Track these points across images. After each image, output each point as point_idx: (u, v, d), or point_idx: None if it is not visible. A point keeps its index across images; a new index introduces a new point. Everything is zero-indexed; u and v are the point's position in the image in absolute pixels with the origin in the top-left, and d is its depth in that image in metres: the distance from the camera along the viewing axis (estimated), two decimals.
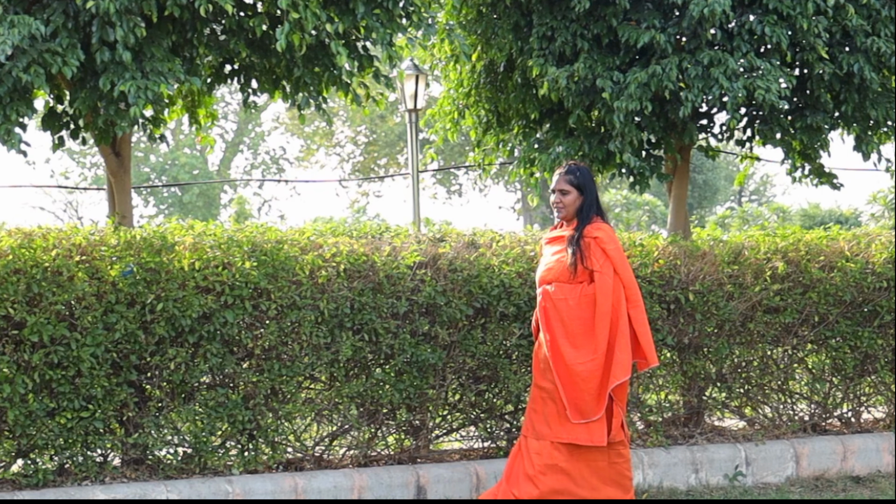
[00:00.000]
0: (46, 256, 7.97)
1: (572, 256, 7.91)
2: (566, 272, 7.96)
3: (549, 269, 8.08)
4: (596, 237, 7.97)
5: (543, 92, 10.18)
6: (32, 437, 8.00)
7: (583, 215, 8.07)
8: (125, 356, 8.21)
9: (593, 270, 7.90)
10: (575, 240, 7.98)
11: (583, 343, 7.88)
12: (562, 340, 7.93)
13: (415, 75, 19.02)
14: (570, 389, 7.90)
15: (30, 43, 7.95)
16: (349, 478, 8.62)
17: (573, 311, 7.92)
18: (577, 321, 7.91)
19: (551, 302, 8.01)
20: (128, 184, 9.60)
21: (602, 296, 7.85)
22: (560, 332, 7.93)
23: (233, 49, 9.09)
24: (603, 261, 7.90)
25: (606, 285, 7.85)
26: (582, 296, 7.91)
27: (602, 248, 7.94)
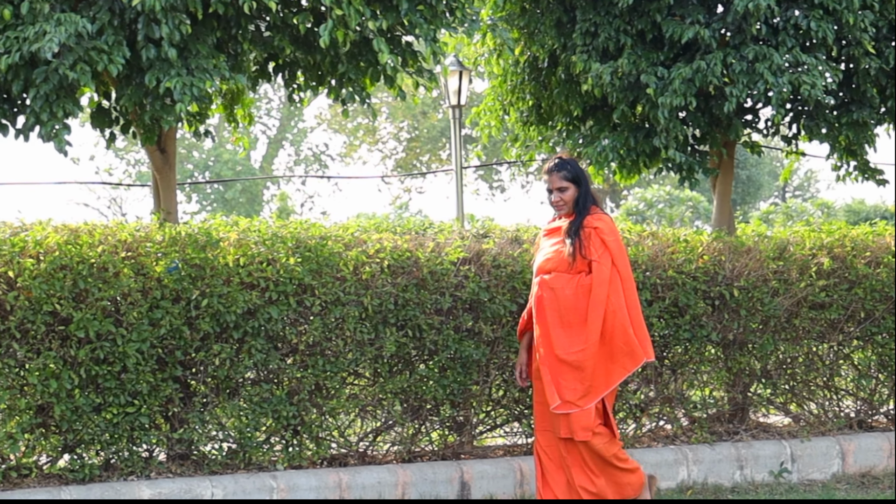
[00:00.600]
0: (92, 252, 8.01)
1: (571, 246, 7.75)
2: (565, 262, 7.79)
3: (547, 259, 7.90)
4: (596, 227, 7.80)
5: (587, 88, 10.16)
6: (79, 432, 8.04)
7: (580, 206, 7.89)
8: (170, 352, 8.24)
9: (591, 261, 7.74)
10: (574, 230, 7.82)
11: (577, 333, 7.70)
12: (556, 330, 7.73)
13: (458, 71, 19.01)
14: (557, 378, 7.71)
15: (76, 40, 7.99)
16: (393, 473, 8.63)
17: (570, 300, 7.73)
18: (572, 311, 7.72)
19: (549, 291, 7.81)
20: (173, 180, 9.63)
21: (598, 286, 7.68)
22: (555, 321, 7.74)
23: (277, 46, 9.11)
24: (602, 251, 7.74)
25: (603, 275, 7.68)
26: (579, 286, 7.72)
27: (602, 238, 7.77)
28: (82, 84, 8.12)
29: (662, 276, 9.48)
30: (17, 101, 8.60)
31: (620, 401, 9.61)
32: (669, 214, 39.15)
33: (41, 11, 7.98)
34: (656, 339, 9.59)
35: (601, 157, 10.50)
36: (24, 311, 7.79)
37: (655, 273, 9.47)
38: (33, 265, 7.82)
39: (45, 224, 8.25)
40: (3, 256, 7.79)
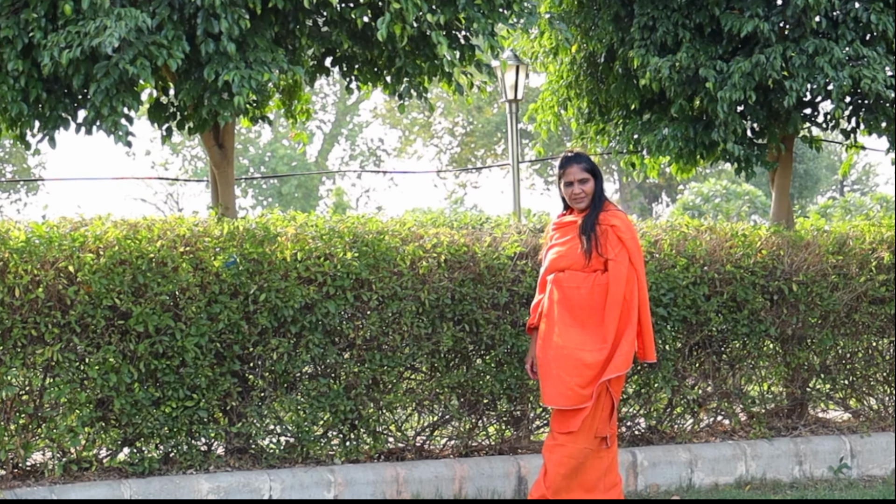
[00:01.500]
0: (151, 247, 8.05)
1: (588, 243, 7.51)
2: (580, 260, 7.53)
3: (561, 256, 7.64)
4: (613, 225, 7.56)
5: (645, 82, 10.13)
6: (138, 425, 8.09)
7: (596, 201, 7.66)
8: (228, 346, 8.28)
9: (608, 259, 7.50)
10: (590, 226, 7.57)
11: (592, 332, 7.46)
12: (568, 329, 7.48)
13: (515, 66, 18.98)
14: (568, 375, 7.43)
15: (136, 35, 8.03)
16: (450, 468, 8.63)
17: (584, 299, 7.49)
18: (586, 310, 7.49)
19: (561, 290, 7.56)
20: (231, 175, 9.67)
21: (615, 285, 7.45)
22: (567, 320, 7.49)
23: (335, 40, 9.12)
24: (619, 249, 7.51)
25: (620, 274, 7.45)
26: (595, 285, 7.48)
27: (618, 236, 7.53)
28: (142, 79, 8.16)
29: (721, 270, 9.44)
30: (78, 95, 8.66)
31: (678, 395, 9.57)
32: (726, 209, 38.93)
33: (102, 6, 8.02)
34: (714, 333, 9.55)
35: (661, 145, 10.44)
36: (85, 306, 7.85)
37: (713, 268, 9.43)
38: (93, 260, 7.87)
39: (104, 219, 8.30)
40: (63, 251, 7.85)
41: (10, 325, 7.68)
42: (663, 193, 48.70)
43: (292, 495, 8.17)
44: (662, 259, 9.35)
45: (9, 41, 8.22)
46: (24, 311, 7.75)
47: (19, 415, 7.86)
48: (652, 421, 9.57)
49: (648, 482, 9.07)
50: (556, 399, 7.49)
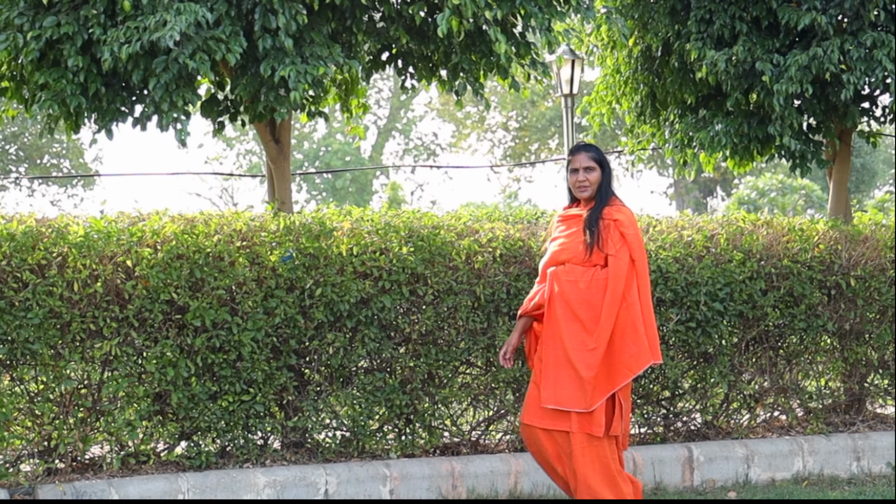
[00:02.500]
0: (208, 242, 8.09)
1: (590, 237, 7.29)
2: (581, 253, 7.32)
3: (562, 249, 7.42)
4: (616, 220, 7.33)
5: (701, 75, 10.09)
6: (195, 419, 8.13)
7: (602, 194, 7.44)
8: (285, 340, 8.31)
9: (608, 255, 7.28)
10: (594, 219, 7.35)
11: (588, 329, 7.22)
12: (566, 323, 7.27)
13: (571, 60, 18.97)
14: (573, 373, 7.23)
15: (195, 30, 8.07)
16: (506, 462, 8.62)
17: (582, 294, 7.27)
18: (584, 305, 7.26)
19: (561, 283, 7.35)
20: (287, 170, 9.71)
21: (615, 281, 7.22)
22: (566, 314, 7.27)
23: (392, 36, 9.13)
24: (620, 245, 7.27)
25: (620, 270, 7.22)
26: (594, 279, 7.26)
27: (621, 231, 7.30)
28: (201, 73, 8.20)
29: (777, 265, 9.39)
30: (137, 90, 8.71)
31: (734, 390, 9.53)
32: (782, 203, 38.69)
33: (161, 1, 8.07)
34: (770, 328, 9.50)
35: (714, 142, 10.41)
36: (142, 300, 7.90)
37: (770, 262, 9.38)
38: (151, 254, 7.92)
39: (162, 214, 8.35)
40: (121, 246, 7.90)
41: (69, 319, 7.74)
42: (718, 188, 48.45)
43: (348, 489, 8.20)
44: (719, 254, 9.32)
45: (69, 37, 8.28)
46: (83, 306, 7.81)
47: (78, 408, 7.92)
48: (708, 416, 9.53)
49: (704, 477, 9.04)
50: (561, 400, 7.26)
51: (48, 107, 8.42)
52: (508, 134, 50.41)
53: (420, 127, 56.68)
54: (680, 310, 9.15)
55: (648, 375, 9.30)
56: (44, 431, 7.88)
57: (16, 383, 7.95)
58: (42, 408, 7.83)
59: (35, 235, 7.74)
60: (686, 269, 9.16)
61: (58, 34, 8.23)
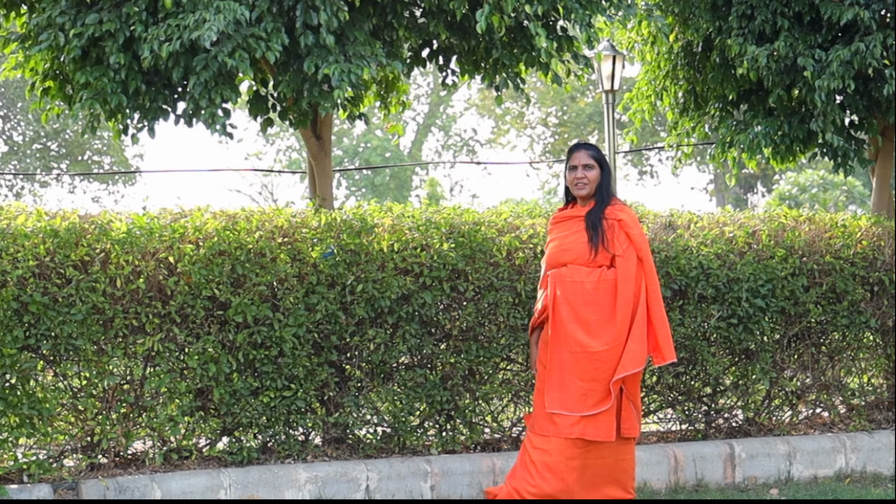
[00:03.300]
0: (250, 238, 8.12)
1: (595, 236, 7.19)
2: (585, 254, 7.23)
3: (564, 250, 7.33)
4: (620, 220, 7.25)
5: (742, 71, 10.04)
6: (237, 415, 8.16)
7: (602, 194, 7.34)
8: (326, 336, 8.32)
9: (615, 255, 7.20)
10: (598, 218, 7.26)
11: (598, 330, 7.17)
12: (571, 326, 7.20)
13: (612, 56, 18.93)
14: (580, 376, 7.19)
15: (235, 28, 8.09)
16: None
17: (589, 295, 7.19)
18: (591, 307, 7.19)
19: (563, 285, 7.26)
20: (328, 167, 9.73)
21: (624, 282, 7.15)
22: (570, 317, 7.20)
23: (432, 32, 9.14)
24: (626, 245, 7.20)
25: (630, 271, 7.16)
26: (600, 280, 7.19)
27: (626, 231, 7.22)
28: (241, 71, 8.23)
29: (820, 261, 9.35)
30: (178, 87, 8.75)
31: (776, 387, 9.50)
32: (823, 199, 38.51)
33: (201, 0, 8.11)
34: (813, 325, 9.47)
35: (754, 144, 10.37)
36: (184, 296, 7.93)
37: (812, 258, 9.34)
38: (193, 251, 7.95)
39: (203, 210, 8.38)
40: (164, 242, 7.93)
41: (111, 315, 7.78)
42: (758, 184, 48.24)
43: (389, 485, 8.21)
44: (761, 250, 9.28)
45: (110, 35, 8.33)
46: (126, 302, 7.84)
47: (121, 404, 7.96)
48: (750, 413, 9.50)
49: (746, 474, 9.01)
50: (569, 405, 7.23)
51: (90, 105, 8.47)
52: (548, 130, 50.34)
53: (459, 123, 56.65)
54: (721, 306, 9.12)
55: (689, 371, 9.28)
56: (87, 427, 7.93)
57: (59, 379, 8.00)
58: (85, 403, 7.87)
59: (78, 232, 7.79)
60: (728, 265, 9.13)
61: (100, 32, 8.29)
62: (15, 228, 7.64)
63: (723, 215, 9.73)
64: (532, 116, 50.00)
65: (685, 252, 9.04)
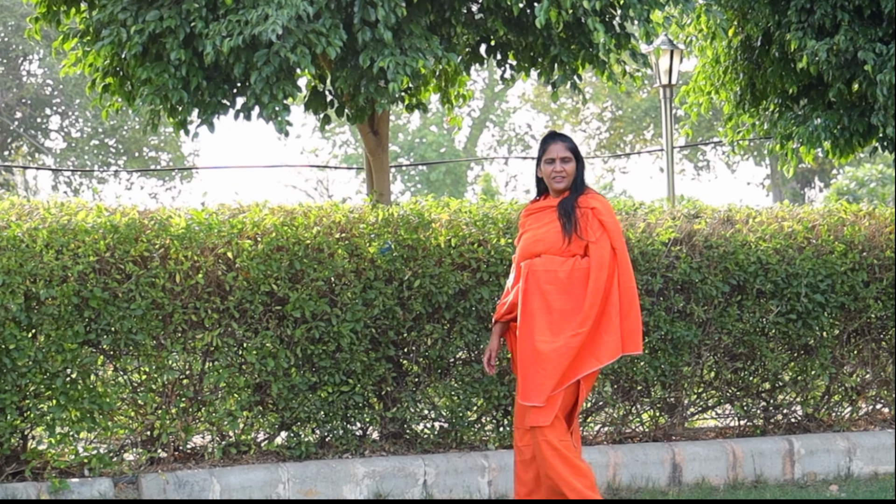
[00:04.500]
0: (308, 234, 8.15)
1: (568, 224, 6.97)
2: (557, 243, 6.98)
3: (536, 240, 7.08)
4: (593, 208, 7.02)
5: (802, 66, 9.97)
6: (295, 410, 8.19)
7: (576, 185, 7.12)
8: (383, 332, 8.34)
9: (588, 242, 6.96)
10: (571, 206, 7.03)
11: (566, 319, 6.87)
12: (540, 316, 6.93)
13: (669, 51, 18.86)
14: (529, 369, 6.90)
15: (296, 24, 8.12)
16: (604, 454, 8.60)
17: (561, 284, 6.94)
18: (563, 296, 6.93)
19: (535, 276, 6.99)
20: (386, 162, 9.75)
21: (597, 269, 6.88)
22: (540, 307, 6.93)
23: (490, 27, 9.13)
24: (600, 233, 6.96)
25: (603, 259, 6.90)
26: (574, 269, 6.94)
27: (599, 219, 6.99)
28: (302, 67, 8.25)
29: (880, 256, 9.30)
30: (238, 83, 8.79)
31: (836, 383, 9.44)
32: (882, 194, 38.19)
33: None
34: (873, 320, 9.40)
35: (813, 138, 10.30)
36: (243, 292, 7.97)
37: (872, 254, 9.29)
38: (251, 246, 7.98)
39: (261, 206, 8.41)
40: (222, 237, 7.97)
41: (171, 310, 7.83)
42: (816, 178, 47.93)
43: (446, 480, 8.21)
44: (820, 245, 9.23)
45: (171, 31, 8.38)
46: (185, 297, 7.89)
47: (180, 399, 8.01)
48: (809, 408, 9.45)
49: (805, 471, 8.96)
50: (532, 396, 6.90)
51: (150, 101, 8.52)
52: (603, 125, 50.20)
53: (514, 118, 56.52)
54: (780, 301, 9.08)
55: (748, 367, 9.24)
56: (146, 421, 7.98)
57: (119, 374, 8.06)
58: (145, 398, 7.93)
59: (138, 227, 7.84)
60: (787, 260, 9.09)
61: (160, 28, 8.33)
62: (76, 224, 7.70)
63: (781, 210, 9.67)
64: (587, 112, 49.91)
65: (743, 247, 9.00)
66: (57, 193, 39.61)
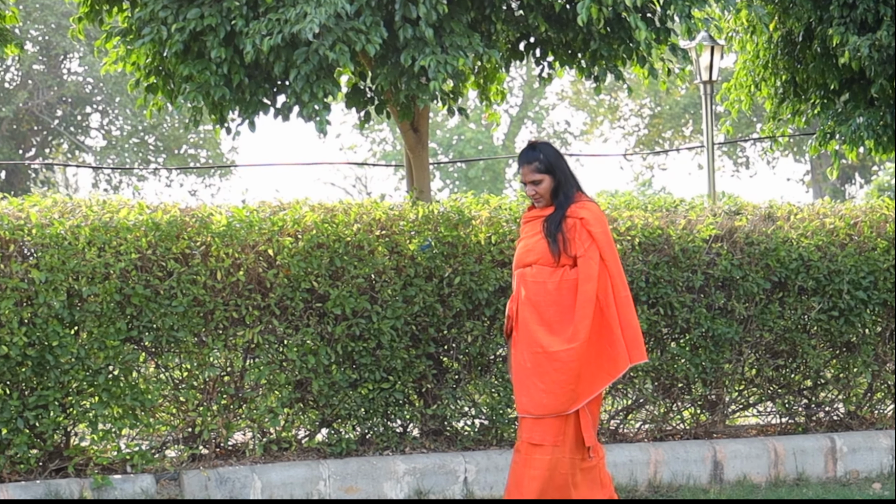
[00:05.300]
0: (348, 231, 8.16)
1: (554, 245, 6.77)
2: (548, 255, 6.80)
3: (528, 251, 6.91)
4: (582, 218, 6.83)
5: (844, 61, 9.92)
6: (335, 407, 8.21)
7: (560, 198, 6.89)
8: (423, 329, 8.34)
9: (577, 255, 6.75)
10: (556, 223, 6.83)
11: (559, 331, 6.72)
12: (534, 326, 6.78)
13: (710, 47, 18.76)
14: (540, 378, 6.71)
15: (335, 21, 8.13)
16: (645, 452, 8.58)
17: (551, 295, 6.78)
18: (553, 307, 6.77)
19: (527, 285, 6.86)
20: (426, 159, 9.75)
21: (585, 282, 6.71)
22: (533, 318, 6.79)
23: (530, 24, 9.12)
24: (588, 244, 6.76)
25: (591, 270, 6.72)
26: (562, 280, 6.77)
27: (588, 230, 6.79)
28: (341, 64, 8.26)
29: None
30: (278, 81, 8.81)
31: (878, 380, 9.42)
32: None
33: None
34: None
35: (855, 136, 10.25)
36: (284, 289, 7.98)
37: None
38: (292, 243, 8.00)
39: (302, 203, 8.42)
40: (263, 235, 7.99)
41: (212, 307, 7.85)
42: (856, 174, 47.66)
43: (487, 478, 8.21)
44: (862, 242, 9.19)
45: (212, 29, 8.40)
46: (226, 294, 7.91)
47: (221, 395, 8.04)
48: (851, 406, 9.41)
49: (848, 468, 8.92)
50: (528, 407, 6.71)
51: (193, 98, 8.55)
52: (641, 121, 50.06)
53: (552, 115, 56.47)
54: (822, 298, 9.04)
55: (789, 364, 9.20)
56: (188, 418, 8.01)
57: (161, 370, 8.09)
58: (186, 395, 7.96)
59: (179, 225, 7.86)
60: (828, 257, 9.04)
61: (201, 26, 8.36)
62: (118, 222, 7.73)
63: (823, 206, 9.62)
64: (625, 108, 49.76)
65: (785, 244, 8.96)
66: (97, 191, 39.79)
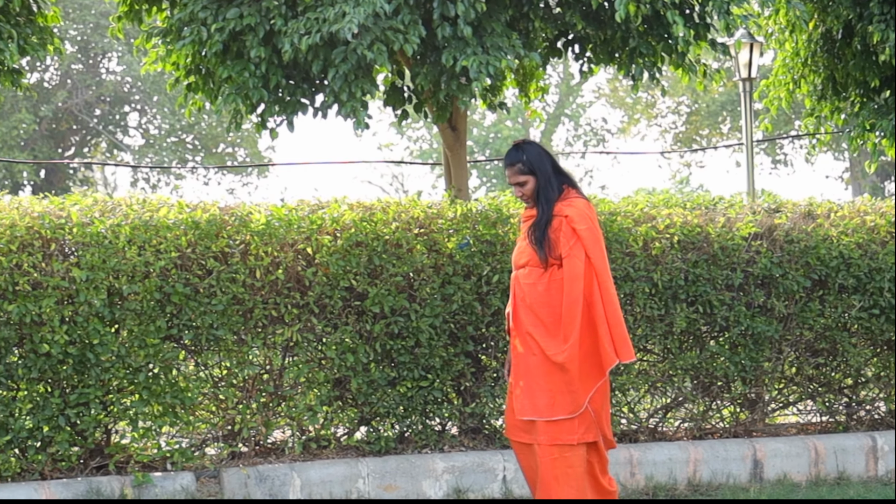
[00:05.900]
0: (386, 229, 8.16)
1: (541, 251, 6.68)
2: (537, 258, 6.73)
3: (521, 253, 6.87)
4: (567, 216, 6.71)
5: (884, 58, 9.88)
6: (374, 405, 8.21)
7: (542, 199, 6.77)
8: (462, 327, 8.34)
9: (562, 255, 6.67)
10: (541, 228, 6.73)
11: (552, 332, 6.65)
12: (532, 328, 6.72)
13: (749, 44, 18.70)
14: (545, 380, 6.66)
15: (373, 21, 8.14)
16: (684, 450, 8.55)
17: (542, 296, 6.69)
18: (546, 308, 6.69)
19: (520, 287, 6.81)
20: (464, 157, 9.75)
21: (571, 280, 6.63)
22: (529, 319, 6.73)
23: (568, 21, 9.11)
24: (573, 243, 6.67)
25: (576, 269, 6.63)
26: (551, 281, 6.68)
27: (573, 228, 6.68)
28: (379, 64, 8.27)
29: None
30: (317, 80, 8.82)
31: None
32: None
33: None
34: None
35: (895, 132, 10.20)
36: (322, 287, 8.00)
37: None
38: (330, 242, 8.02)
39: (340, 201, 8.43)
40: (302, 233, 8.01)
41: (251, 305, 7.87)
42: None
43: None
44: None
45: (251, 28, 8.43)
46: (265, 292, 7.93)
47: (260, 393, 8.06)
48: (892, 405, 9.35)
49: (889, 467, 8.88)
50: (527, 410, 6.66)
51: (232, 100, 8.58)
52: (679, 119, 49.92)
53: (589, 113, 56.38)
54: (863, 296, 8.99)
55: (830, 363, 9.16)
56: (227, 416, 8.04)
57: (200, 368, 8.12)
58: (226, 393, 7.98)
59: (218, 223, 7.89)
60: (869, 255, 9.00)
61: (240, 26, 8.39)
62: (157, 221, 7.76)
63: (863, 204, 9.57)
64: (662, 105, 49.64)
65: (825, 241, 8.92)
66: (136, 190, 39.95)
